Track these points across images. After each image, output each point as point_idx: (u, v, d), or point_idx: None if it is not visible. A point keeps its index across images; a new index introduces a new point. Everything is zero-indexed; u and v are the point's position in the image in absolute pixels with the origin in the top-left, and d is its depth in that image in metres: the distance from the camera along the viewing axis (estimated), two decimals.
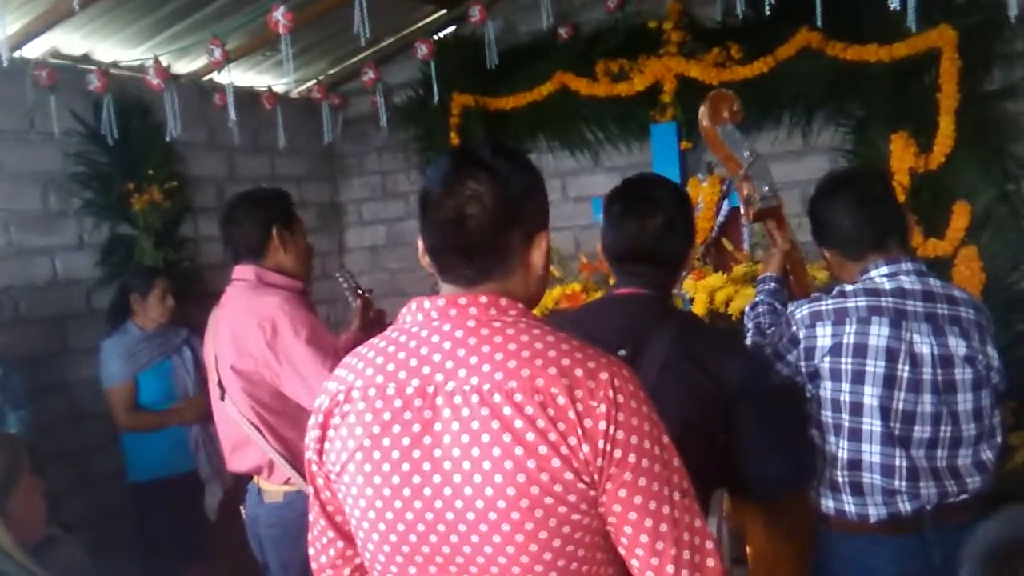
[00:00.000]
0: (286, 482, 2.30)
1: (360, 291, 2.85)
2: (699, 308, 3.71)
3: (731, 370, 1.68)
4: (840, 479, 1.88)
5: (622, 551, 1.13)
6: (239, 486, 2.71)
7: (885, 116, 3.82)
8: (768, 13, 3.35)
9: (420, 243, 1.23)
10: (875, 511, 1.85)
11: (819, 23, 3.40)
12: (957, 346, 1.82)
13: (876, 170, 2.04)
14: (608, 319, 1.49)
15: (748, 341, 2.13)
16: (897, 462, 1.82)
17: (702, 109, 2.28)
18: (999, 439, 1.88)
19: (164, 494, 3.48)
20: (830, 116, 4.14)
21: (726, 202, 4.26)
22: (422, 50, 4.50)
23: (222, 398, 2.32)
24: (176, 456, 3.54)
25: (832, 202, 1.95)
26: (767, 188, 2.23)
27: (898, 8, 3.09)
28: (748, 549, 2.46)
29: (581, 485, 1.08)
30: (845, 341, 1.85)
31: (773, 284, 2.26)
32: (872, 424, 1.83)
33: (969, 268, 3.53)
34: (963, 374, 1.82)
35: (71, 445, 3.67)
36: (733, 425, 1.71)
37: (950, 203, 3.62)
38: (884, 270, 1.89)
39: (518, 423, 1.07)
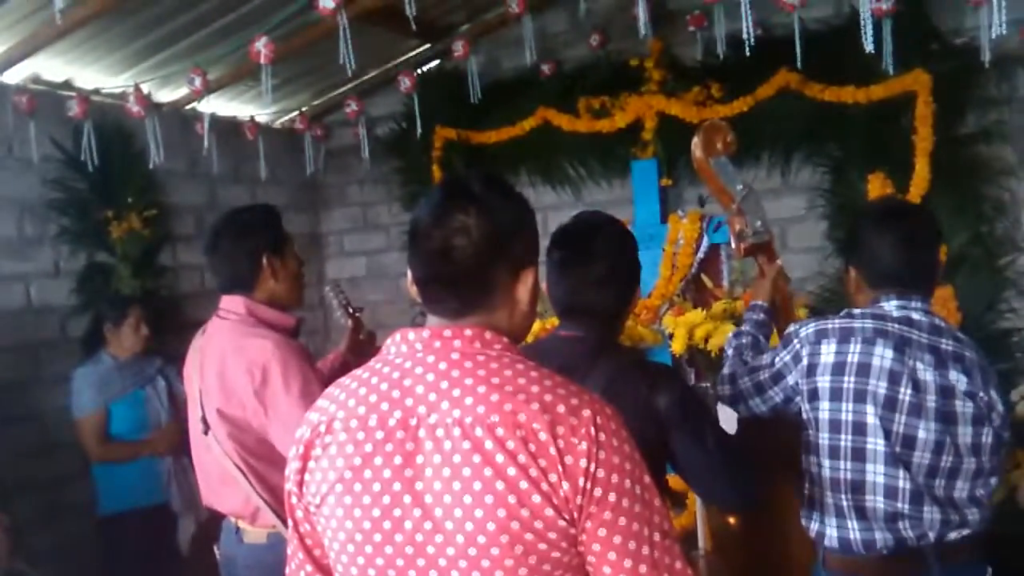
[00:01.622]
0: (272, 527, 2.18)
1: (351, 310, 2.77)
2: (678, 344, 3.71)
3: (665, 405, 1.68)
4: (844, 503, 1.84)
5: None
6: (213, 521, 2.64)
7: (862, 157, 3.88)
8: (748, 54, 3.40)
9: (409, 273, 1.22)
10: (881, 536, 1.81)
11: (798, 64, 3.46)
12: (958, 381, 1.81)
13: (930, 212, 2.02)
14: (548, 360, 1.50)
15: (726, 370, 2.10)
16: (900, 484, 1.79)
17: (695, 140, 2.25)
18: (994, 480, 1.86)
19: (135, 526, 3.41)
20: (808, 156, 4.20)
21: (706, 239, 4.29)
22: (405, 83, 4.52)
23: (205, 432, 2.21)
24: (148, 488, 3.47)
25: (880, 231, 1.90)
26: (759, 223, 2.19)
27: (874, 52, 3.15)
28: None
29: (562, 522, 1.06)
30: (849, 360, 1.83)
31: (762, 315, 2.21)
32: (876, 444, 1.80)
33: (945, 308, 3.56)
34: (964, 407, 1.81)
35: (41, 476, 3.59)
36: (676, 457, 1.71)
37: None
38: (895, 303, 1.88)
39: (499, 457, 1.06)
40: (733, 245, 2.28)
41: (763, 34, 3.53)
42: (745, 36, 3.26)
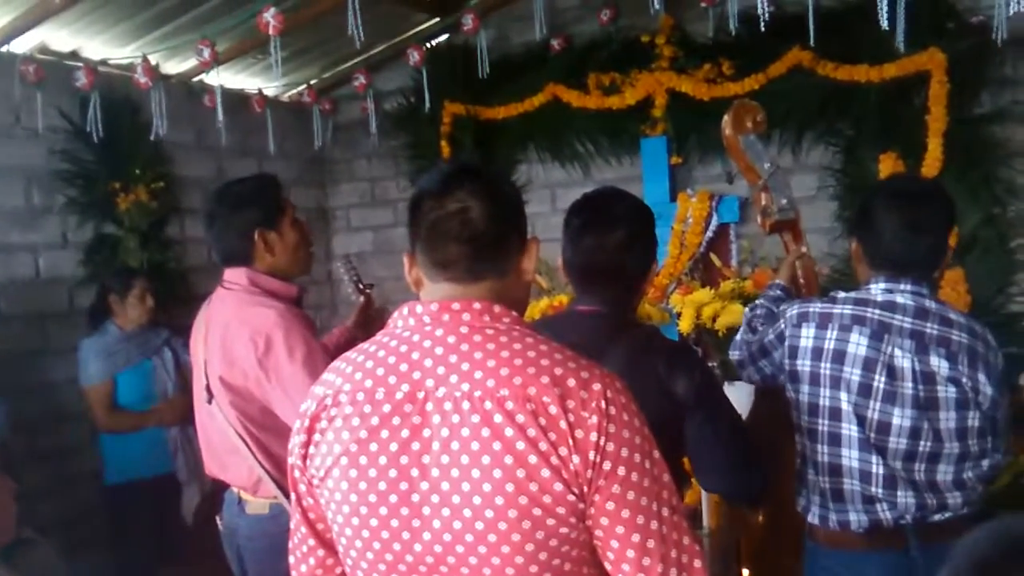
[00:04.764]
0: (273, 498, 2.19)
1: (361, 286, 2.76)
2: (686, 323, 3.71)
3: (683, 387, 1.67)
4: (823, 485, 1.89)
5: (608, 566, 1.12)
6: (217, 491, 2.64)
7: (874, 136, 3.85)
8: (761, 30, 3.36)
9: (407, 260, 1.22)
10: (856, 518, 1.86)
11: (811, 42, 3.42)
12: (939, 366, 1.82)
13: (944, 195, 1.94)
14: (564, 336, 1.51)
15: (738, 337, 2.14)
16: (874, 468, 1.83)
17: (725, 118, 2.29)
18: (986, 463, 1.87)
19: (141, 496, 3.44)
20: (820, 135, 4.16)
21: (715, 217, 4.27)
22: (414, 57, 4.49)
23: (209, 402, 2.22)
24: (154, 458, 3.50)
25: (887, 212, 1.87)
26: (785, 201, 2.24)
27: (888, 29, 3.11)
28: (745, 571, 2.45)
29: (571, 497, 1.06)
30: (826, 346, 1.86)
31: (779, 292, 2.24)
32: (850, 429, 1.84)
33: (955, 290, 3.54)
34: (946, 392, 1.82)
35: (48, 445, 3.62)
36: (686, 439, 1.70)
37: None
38: (882, 285, 1.89)
39: (509, 431, 1.05)
40: (759, 221, 2.31)
41: (776, 11, 3.49)
42: (760, 12, 3.22)
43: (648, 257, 1.82)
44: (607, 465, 1.06)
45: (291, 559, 1.30)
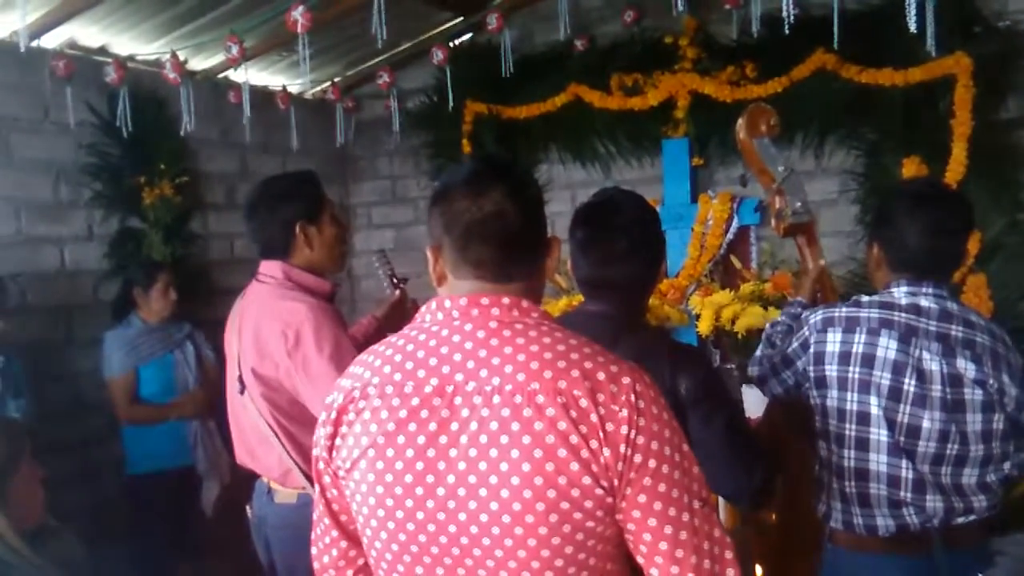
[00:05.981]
0: (302, 488, 2.22)
1: (396, 280, 2.76)
2: (705, 325, 3.71)
3: (686, 386, 1.68)
4: (848, 490, 1.88)
5: (640, 559, 1.12)
6: (237, 483, 2.66)
7: (898, 140, 3.83)
8: (785, 33, 3.36)
9: (431, 254, 1.21)
10: (883, 522, 1.85)
11: (835, 45, 3.41)
12: (966, 368, 1.82)
13: (964, 199, 1.94)
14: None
15: (757, 354, 2.14)
16: (903, 473, 1.82)
17: (740, 121, 2.30)
18: (1007, 465, 1.87)
19: (161, 487, 3.48)
20: (843, 138, 4.14)
21: (736, 220, 4.27)
22: (438, 56, 4.52)
23: (242, 392, 2.25)
24: (175, 450, 3.54)
25: (910, 216, 1.87)
26: (799, 204, 2.23)
27: (915, 32, 3.09)
28: (759, 569, 2.45)
29: (599, 491, 1.07)
30: (854, 350, 1.85)
31: (799, 309, 2.23)
32: (879, 434, 1.83)
33: (978, 296, 3.52)
34: (972, 395, 1.82)
35: (71, 435, 3.66)
36: (689, 439, 1.70)
37: None
38: (904, 289, 1.89)
39: (539, 425, 1.06)
40: (773, 224, 2.31)
41: (800, 13, 3.48)
42: (785, 15, 3.21)
43: (653, 261, 1.82)
44: (638, 458, 1.07)
45: (313, 550, 1.31)
